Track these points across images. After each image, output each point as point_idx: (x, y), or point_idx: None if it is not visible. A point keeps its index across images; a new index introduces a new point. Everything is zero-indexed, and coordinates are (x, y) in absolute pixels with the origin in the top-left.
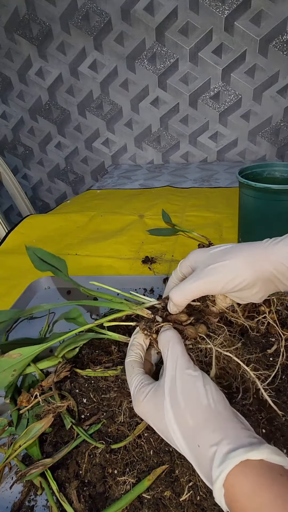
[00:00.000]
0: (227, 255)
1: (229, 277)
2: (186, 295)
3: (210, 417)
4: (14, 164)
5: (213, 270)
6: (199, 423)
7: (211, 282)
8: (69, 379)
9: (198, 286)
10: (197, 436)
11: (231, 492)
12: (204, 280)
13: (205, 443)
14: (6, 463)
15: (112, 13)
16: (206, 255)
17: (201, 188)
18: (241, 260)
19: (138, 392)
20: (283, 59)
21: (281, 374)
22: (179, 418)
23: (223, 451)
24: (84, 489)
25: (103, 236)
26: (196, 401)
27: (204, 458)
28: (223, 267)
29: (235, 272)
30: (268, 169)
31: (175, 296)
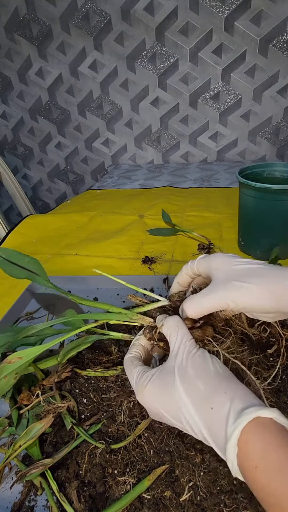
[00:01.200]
0: (252, 278)
1: (250, 302)
2: (202, 309)
3: (221, 381)
4: (14, 164)
5: (236, 288)
6: (211, 388)
7: (230, 301)
8: (69, 379)
9: (216, 303)
10: (210, 400)
11: (244, 451)
12: (223, 298)
13: (218, 404)
14: (6, 463)
15: (112, 13)
16: (230, 268)
17: (201, 188)
18: (265, 289)
19: (141, 378)
20: (283, 59)
21: (281, 374)
22: (190, 388)
23: (237, 408)
24: (84, 489)
25: (103, 236)
26: (206, 371)
27: (217, 420)
28: (246, 290)
29: (257, 300)
30: (268, 169)
31: (190, 310)
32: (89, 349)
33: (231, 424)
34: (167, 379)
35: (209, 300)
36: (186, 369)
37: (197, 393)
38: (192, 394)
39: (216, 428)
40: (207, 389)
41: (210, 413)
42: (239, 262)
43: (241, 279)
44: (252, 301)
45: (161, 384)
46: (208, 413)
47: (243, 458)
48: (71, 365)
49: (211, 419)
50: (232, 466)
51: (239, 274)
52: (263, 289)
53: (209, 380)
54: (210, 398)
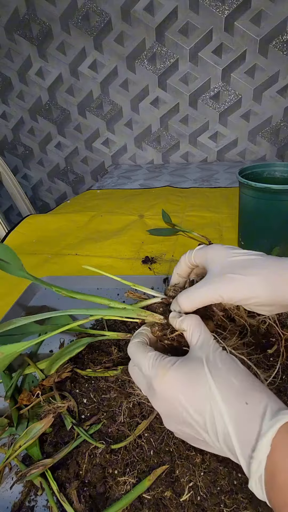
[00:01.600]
0: (248, 269)
1: (245, 295)
2: (195, 302)
3: (254, 381)
4: (14, 164)
5: (229, 281)
6: (246, 384)
7: (225, 294)
8: (70, 379)
9: (210, 295)
10: (245, 395)
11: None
12: (217, 290)
13: (255, 400)
14: (6, 463)
15: (112, 13)
16: (226, 259)
17: (201, 188)
18: (261, 281)
19: (161, 361)
20: (283, 59)
21: (281, 374)
22: (221, 380)
23: (275, 407)
24: (84, 489)
25: (103, 236)
26: (237, 368)
27: (251, 415)
28: (241, 282)
29: (252, 292)
30: (268, 169)
31: (184, 303)
32: (89, 349)
33: (268, 420)
34: (195, 367)
35: (202, 293)
36: (215, 362)
37: (230, 387)
38: (224, 387)
39: (248, 424)
40: (242, 384)
41: (244, 408)
42: (236, 253)
43: (236, 271)
44: (246, 293)
45: (188, 372)
46: (242, 407)
47: (276, 459)
48: (72, 365)
49: (244, 415)
50: (258, 468)
51: (234, 265)
52: (258, 280)
53: (243, 377)
54: (246, 394)
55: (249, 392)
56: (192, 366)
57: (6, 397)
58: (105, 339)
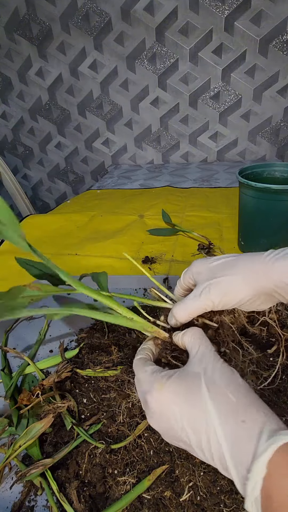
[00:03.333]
0: (226, 271)
1: (228, 296)
2: (189, 313)
3: (253, 398)
4: (14, 164)
5: (211, 287)
6: (244, 402)
7: (210, 300)
8: (70, 379)
9: (199, 305)
10: (243, 413)
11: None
12: (203, 299)
13: (252, 418)
14: (6, 463)
15: (112, 13)
16: (207, 267)
17: (201, 188)
18: (240, 278)
19: (158, 374)
20: (283, 59)
21: (281, 374)
22: (218, 398)
23: (273, 427)
24: (84, 489)
25: (103, 236)
26: (236, 384)
27: (246, 434)
28: (221, 284)
29: (234, 291)
30: (268, 169)
31: (179, 313)
32: (89, 349)
33: (264, 441)
34: (192, 381)
35: (194, 302)
36: (213, 377)
37: (227, 404)
38: (221, 404)
39: (243, 442)
40: (240, 402)
41: (239, 426)
42: (214, 259)
43: (217, 275)
44: (229, 293)
45: (184, 386)
46: (238, 426)
47: (273, 482)
48: (72, 365)
49: (240, 433)
50: (253, 489)
51: (214, 271)
52: (236, 279)
53: (242, 393)
54: (243, 412)
55: (247, 410)
56: (189, 381)
57: (6, 397)
58: (105, 339)
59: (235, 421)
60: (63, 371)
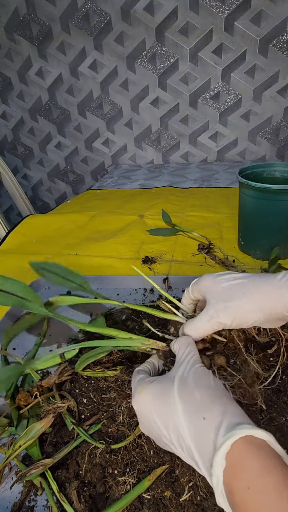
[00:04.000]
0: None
1: (242, 320)
2: (200, 333)
3: (220, 396)
4: (14, 164)
5: (223, 309)
6: (208, 400)
7: (221, 324)
8: (69, 379)
9: (211, 326)
10: (204, 410)
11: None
12: (217, 318)
13: (212, 415)
14: (6, 463)
15: (112, 13)
16: (219, 288)
17: (201, 188)
18: (251, 304)
19: (141, 382)
20: (283, 59)
21: (281, 374)
22: (185, 396)
23: (231, 422)
24: (84, 489)
25: (103, 236)
26: (206, 384)
27: (207, 430)
28: (232, 309)
29: (246, 317)
30: (268, 169)
31: (190, 334)
32: (89, 349)
33: (222, 435)
34: (166, 385)
35: (204, 323)
36: (187, 379)
37: (192, 402)
38: (186, 402)
39: (205, 438)
40: (203, 400)
41: (201, 423)
42: (224, 278)
43: (228, 299)
44: (243, 318)
45: (160, 389)
46: (199, 423)
47: (232, 476)
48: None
49: (201, 429)
50: (217, 483)
51: (225, 294)
52: (250, 305)
53: (208, 392)
54: (205, 409)
55: (209, 407)
56: (165, 383)
57: (7, 396)
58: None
59: (198, 418)
60: (64, 373)
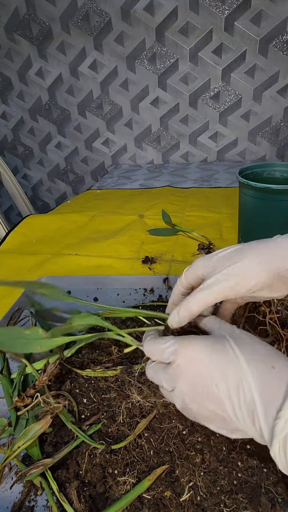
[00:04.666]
0: (237, 257)
1: (244, 281)
2: (201, 306)
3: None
4: (14, 164)
5: (225, 276)
6: (272, 352)
7: (226, 289)
8: (69, 379)
9: (214, 295)
10: (271, 360)
11: None
12: (219, 288)
13: (281, 364)
14: (6, 463)
15: (112, 13)
16: (214, 260)
17: (201, 188)
18: (254, 261)
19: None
20: (283, 59)
21: None
22: (246, 347)
23: None
24: (84, 489)
25: (103, 236)
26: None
27: (278, 378)
28: (236, 270)
29: (249, 275)
30: (268, 169)
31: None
32: (89, 349)
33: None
34: (220, 339)
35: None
36: (240, 336)
37: (255, 353)
38: (249, 353)
39: (274, 386)
40: (267, 351)
41: (270, 372)
42: (218, 252)
43: (227, 263)
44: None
45: (213, 342)
46: (268, 371)
47: None
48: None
49: (270, 377)
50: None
51: (224, 260)
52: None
53: (268, 347)
54: (272, 359)
55: (276, 358)
56: (216, 338)
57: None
58: (105, 339)
59: (265, 366)
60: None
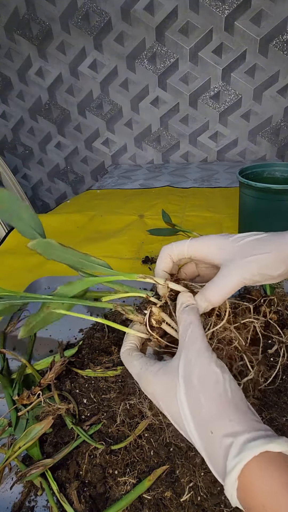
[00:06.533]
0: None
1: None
2: (226, 294)
3: (226, 404)
4: (14, 164)
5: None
6: (213, 409)
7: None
8: (69, 379)
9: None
10: (211, 423)
11: (248, 487)
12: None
13: (219, 431)
14: (6, 463)
15: (112, 13)
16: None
17: (201, 188)
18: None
19: (146, 371)
20: (283, 59)
21: (281, 375)
22: (192, 401)
23: (241, 440)
24: (84, 490)
25: (103, 236)
26: (212, 386)
27: (216, 447)
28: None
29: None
30: (268, 169)
31: (213, 298)
32: (89, 349)
33: (232, 458)
34: (171, 381)
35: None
36: (192, 376)
37: (198, 408)
38: (193, 406)
39: (216, 457)
40: (210, 408)
41: (210, 438)
42: (238, 238)
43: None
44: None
45: (165, 384)
46: (208, 437)
47: (246, 494)
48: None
49: (211, 445)
50: (231, 498)
51: (244, 250)
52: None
53: (214, 399)
54: (212, 421)
55: (216, 420)
56: (169, 379)
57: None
58: (105, 339)
59: (205, 431)
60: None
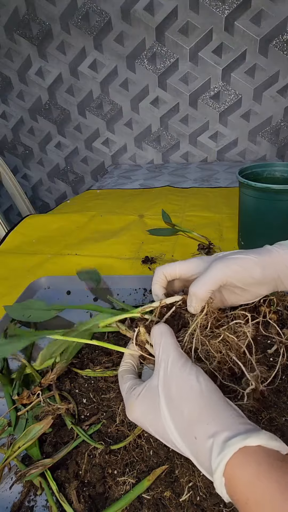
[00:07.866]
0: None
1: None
2: (209, 285)
3: (204, 408)
4: (14, 164)
5: (232, 260)
6: (194, 415)
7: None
8: (69, 379)
9: (219, 275)
10: (194, 429)
11: (232, 483)
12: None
13: (202, 435)
14: (6, 463)
15: (112, 13)
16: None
17: (201, 188)
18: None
19: (129, 395)
20: (283, 59)
21: (281, 375)
22: (173, 412)
23: (220, 440)
24: (84, 490)
25: (103, 236)
26: (189, 393)
27: (202, 451)
28: (241, 260)
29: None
30: (268, 169)
31: (199, 290)
32: (89, 349)
33: (215, 457)
34: (153, 398)
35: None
36: (170, 388)
37: (181, 419)
38: (176, 418)
39: (202, 458)
40: (191, 415)
41: (194, 443)
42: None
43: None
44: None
45: (148, 404)
46: (193, 442)
47: (231, 490)
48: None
49: (196, 449)
50: (223, 495)
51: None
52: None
53: (193, 406)
54: (194, 427)
55: (197, 424)
56: (151, 397)
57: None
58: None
59: (190, 437)
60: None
